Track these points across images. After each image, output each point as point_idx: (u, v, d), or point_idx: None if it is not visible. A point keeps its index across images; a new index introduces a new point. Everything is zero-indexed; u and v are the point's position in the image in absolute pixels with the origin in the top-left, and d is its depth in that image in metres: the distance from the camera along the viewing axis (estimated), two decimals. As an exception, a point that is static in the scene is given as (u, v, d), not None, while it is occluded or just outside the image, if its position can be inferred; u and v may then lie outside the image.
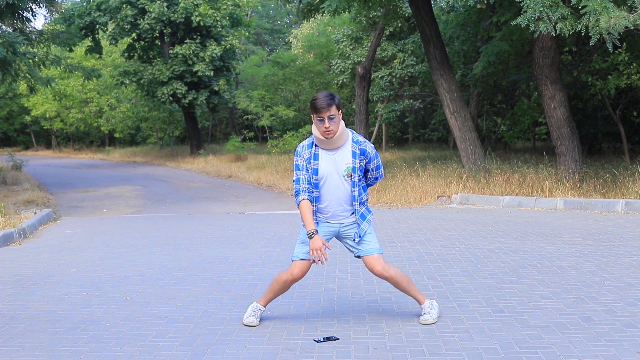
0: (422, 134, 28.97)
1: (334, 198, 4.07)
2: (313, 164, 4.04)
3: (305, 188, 4.04)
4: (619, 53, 14.32)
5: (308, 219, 3.98)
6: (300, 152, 4.08)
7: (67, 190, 15.95)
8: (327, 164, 4.04)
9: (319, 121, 3.96)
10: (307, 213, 3.99)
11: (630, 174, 10.47)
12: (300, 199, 4.04)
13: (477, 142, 12.34)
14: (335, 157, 4.05)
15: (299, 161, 4.07)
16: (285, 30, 46.37)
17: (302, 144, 4.12)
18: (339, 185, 4.06)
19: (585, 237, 6.92)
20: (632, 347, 3.57)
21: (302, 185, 4.04)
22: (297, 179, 4.08)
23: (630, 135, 16.90)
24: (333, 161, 4.04)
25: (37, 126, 41.82)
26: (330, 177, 4.05)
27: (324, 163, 4.04)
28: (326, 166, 4.04)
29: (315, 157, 4.05)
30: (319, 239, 3.94)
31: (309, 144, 4.09)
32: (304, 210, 4.01)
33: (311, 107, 4.00)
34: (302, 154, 4.07)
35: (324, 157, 4.05)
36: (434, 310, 4.15)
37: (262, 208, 11.42)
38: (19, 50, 13.75)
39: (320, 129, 3.98)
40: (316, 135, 4.03)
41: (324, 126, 3.95)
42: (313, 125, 4.07)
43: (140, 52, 26.70)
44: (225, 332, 4.08)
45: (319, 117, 3.95)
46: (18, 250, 7.40)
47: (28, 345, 3.94)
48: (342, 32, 22.87)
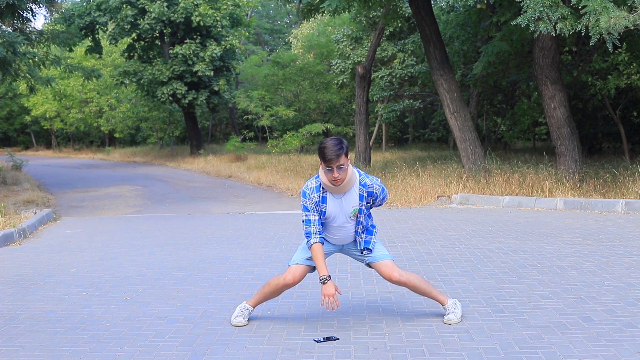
0: (422, 134, 28.98)
1: (338, 234, 4.12)
2: (321, 207, 4.03)
3: (316, 230, 4.01)
4: (619, 53, 14.32)
5: (321, 264, 3.96)
6: (308, 195, 4.03)
7: (67, 190, 15.95)
8: (334, 206, 4.03)
9: (327, 171, 3.91)
10: (320, 257, 3.97)
11: (630, 174, 10.47)
12: (312, 242, 4.00)
13: (477, 142, 12.34)
14: (342, 201, 4.03)
15: (308, 203, 4.03)
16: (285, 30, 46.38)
17: (309, 186, 4.05)
18: (344, 224, 4.08)
19: (585, 237, 6.92)
20: (632, 347, 3.57)
21: (313, 227, 4.01)
22: (307, 220, 4.04)
23: (630, 135, 16.91)
24: (340, 204, 4.03)
25: (37, 126, 41.82)
26: (336, 219, 4.06)
27: (331, 205, 4.03)
28: (333, 208, 4.03)
29: (323, 200, 4.03)
30: (332, 285, 3.92)
31: (316, 187, 4.04)
32: (317, 255, 3.98)
33: (320, 155, 3.91)
34: (312, 197, 4.03)
35: (331, 200, 4.03)
36: (458, 309, 4.14)
37: (262, 208, 11.42)
38: (19, 50, 13.75)
39: (329, 178, 3.93)
40: (324, 182, 3.98)
41: (333, 176, 3.91)
42: (320, 169, 4.02)
43: (140, 52, 26.70)
44: (225, 332, 4.08)
45: (327, 167, 3.89)
46: (18, 250, 7.40)
47: (28, 345, 3.94)
48: (342, 32, 22.87)
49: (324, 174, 3.96)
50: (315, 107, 28.71)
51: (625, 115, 16.92)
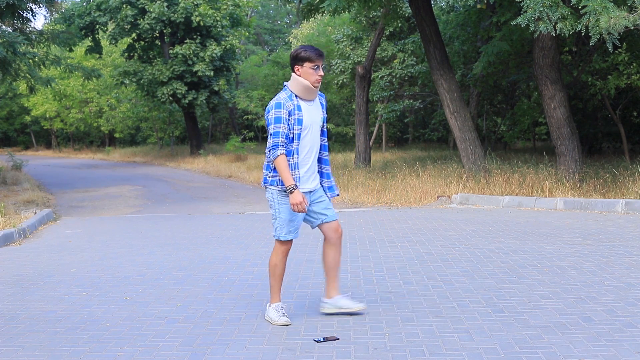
0: (422, 134, 28.98)
1: (313, 150, 4.16)
2: (297, 114, 4.05)
3: (283, 142, 3.99)
4: (619, 53, 14.33)
5: (287, 175, 3.96)
6: (283, 104, 4.02)
7: (67, 190, 15.95)
8: (309, 114, 4.11)
9: (313, 69, 4.05)
10: (287, 168, 3.97)
11: (630, 174, 10.47)
12: (278, 153, 3.97)
13: (477, 142, 12.34)
14: (313, 108, 4.16)
15: (282, 113, 3.99)
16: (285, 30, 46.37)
17: (282, 97, 4.06)
18: (316, 135, 4.18)
19: (585, 237, 6.92)
20: (632, 347, 3.57)
21: (281, 139, 3.98)
22: (276, 132, 3.98)
23: (630, 135, 16.91)
24: (312, 112, 4.14)
25: (37, 126, 41.82)
26: (312, 128, 4.13)
27: (306, 113, 4.09)
28: (308, 116, 4.10)
29: (298, 108, 4.06)
30: (299, 193, 3.96)
31: (289, 96, 4.08)
32: (283, 166, 3.96)
33: (302, 58, 4.04)
34: (287, 105, 4.02)
35: (306, 108, 4.10)
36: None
37: (262, 208, 11.42)
38: (19, 50, 13.75)
39: (314, 77, 4.06)
40: (303, 84, 4.06)
41: (319, 74, 4.07)
42: (296, 76, 4.09)
43: (140, 52, 26.70)
44: (225, 332, 4.08)
45: (314, 66, 4.04)
46: (18, 250, 7.40)
47: (28, 345, 3.94)
48: (342, 32, 22.87)
49: (309, 75, 4.05)
50: (315, 107, 28.67)
51: (625, 115, 16.92)
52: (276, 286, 4.25)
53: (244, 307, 4.61)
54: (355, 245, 6.92)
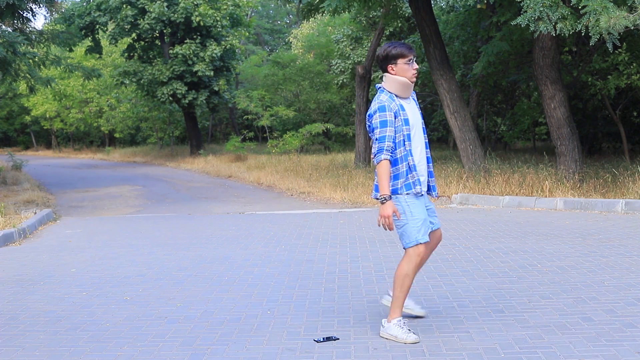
0: (422, 134, 28.92)
1: (423, 149, 3.90)
2: (403, 115, 3.79)
3: (389, 147, 3.72)
4: (619, 53, 14.33)
5: (385, 183, 3.69)
6: (388, 106, 3.75)
7: (67, 190, 15.95)
8: (412, 113, 3.87)
9: (407, 64, 3.82)
10: (387, 176, 3.70)
11: (630, 174, 10.46)
12: (382, 157, 3.70)
13: (477, 142, 12.34)
14: (413, 106, 3.92)
15: (388, 116, 3.73)
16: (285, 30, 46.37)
17: (382, 99, 3.79)
18: (422, 134, 3.92)
19: (585, 237, 6.92)
20: (632, 347, 3.57)
21: (388, 143, 3.71)
22: (382, 137, 3.70)
23: (630, 135, 16.90)
24: (413, 109, 3.91)
25: (37, 126, 41.81)
26: (417, 127, 3.88)
27: (410, 112, 3.85)
28: (412, 115, 3.86)
29: (402, 108, 3.81)
30: (391, 205, 3.69)
31: (390, 97, 3.81)
32: (384, 172, 3.69)
33: (394, 56, 3.80)
34: (391, 106, 3.76)
35: (407, 107, 3.86)
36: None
37: (262, 208, 11.42)
38: (19, 50, 13.75)
39: (410, 72, 3.83)
40: (401, 81, 3.82)
41: (414, 67, 3.84)
42: (391, 76, 3.83)
43: (140, 52, 26.69)
44: (225, 332, 4.08)
45: (408, 60, 3.81)
46: (18, 250, 7.40)
47: (28, 345, 3.95)
48: (342, 32, 22.88)
49: (405, 71, 3.82)
50: (315, 107, 28.71)
51: (625, 115, 16.92)
52: (402, 299, 3.86)
53: (244, 307, 4.61)
54: (355, 245, 6.92)
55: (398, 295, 3.85)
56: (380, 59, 3.89)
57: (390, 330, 3.80)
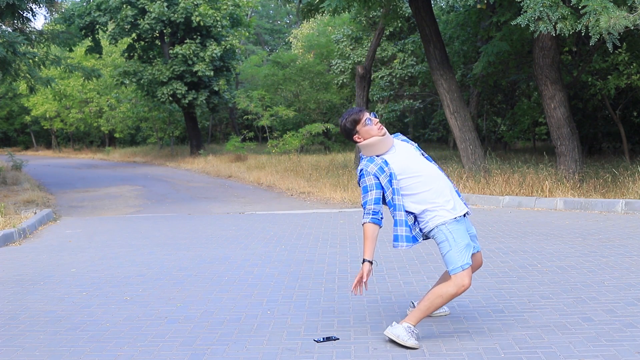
0: (422, 134, 28.96)
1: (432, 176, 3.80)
2: (387, 170, 3.74)
3: (371, 210, 3.71)
4: (619, 53, 14.32)
5: (368, 245, 3.69)
6: (367, 171, 3.74)
7: (67, 190, 15.95)
8: (398, 158, 3.79)
9: (367, 124, 3.78)
10: (371, 238, 3.71)
11: (630, 174, 10.47)
12: (363, 221, 3.73)
13: (477, 142, 12.34)
14: (398, 150, 3.84)
15: (368, 181, 3.73)
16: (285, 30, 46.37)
17: (361, 165, 3.78)
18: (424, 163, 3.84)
19: (585, 237, 6.92)
20: (632, 347, 3.57)
21: (369, 207, 3.71)
22: (364, 202, 3.73)
23: (630, 135, 16.90)
24: (400, 153, 3.82)
25: (37, 126, 41.81)
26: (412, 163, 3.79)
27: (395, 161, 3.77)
28: (399, 160, 3.78)
29: (385, 163, 3.75)
30: (369, 267, 3.65)
31: (369, 160, 3.78)
32: (367, 235, 3.70)
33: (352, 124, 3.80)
34: (369, 171, 3.73)
35: (392, 158, 3.78)
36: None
37: (262, 208, 11.42)
38: (19, 50, 13.74)
39: (374, 130, 3.77)
40: (373, 142, 3.77)
41: (375, 122, 3.80)
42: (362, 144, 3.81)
43: (140, 52, 26.69)
44: (225, 332, 4.08)
45: (365, 120, 3.78)
46: (18, 250, 7.40)
47: (28, 345, 3.94)
48: (342, 32, 22.87)
49: (368, 132, 3.78)
50: (315, 107, 28.71)
51: (625, 115, 16.92)
52: (423, 314, 3.77)
53: (244, 307, 4.61)
54: (355, 245, 6.92)
55: (422, 309, 3.77)
56: (345, 133, 3.87)
57: (396, 330, 3.75)
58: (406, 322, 3.75)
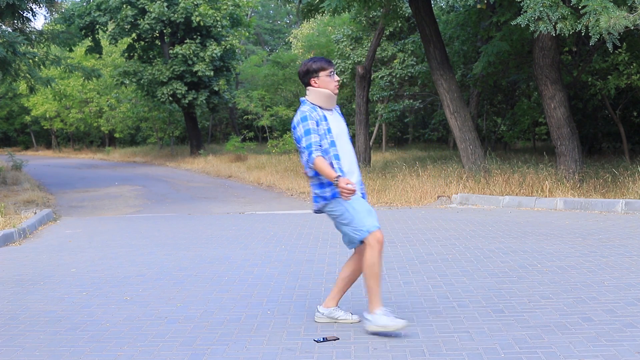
0: (422, 134, 28.97)
1: (350, 157, 4.01)
2: (325, 125, 3.94)
3: (318, 147, 3.85)
4: (619, 53, 14.32)
5: (329, 170, 3.79)
6: (309, 115, 3.91)
7: (67, 190, 15.95)
8: (335, 124, 4.03)
9: (329, 76, 3.99)
10: (327, 165, 3.81)
11: (630, 174, 10.47)
12: (314, 156, 3.81)
13: (477, 142, 12.34)
14: (336, 117, 4.08)
15: (311, 124, 3.88)
16: (285, 30, 46.37)
17: (305, 110, 3.94)
18: (348, 144, 4.05)
19: (585, 237, 6.92)
20: (632, 347, 3.57)
21: (315, 146, 3.84)
22: (308, 144, 3.84)
23: (630, 135, 16.91)
24: (337, 121, 4.06)
25: (37, 126, 41.81)
26: (341, 137, 4.01)
27: (333, 123, 4.01)
28: (336, 126, 4.02)
29: (324, 119, 3.97)
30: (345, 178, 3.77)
31: (312, 108, 3.97)
32: (324, 164, 3.80)
33: (315, 69, 3.97)
34: (313, 115, 3.92)
35: (330, 118, 4.02)
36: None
37: (262, 208, 11.42)
38: (19, 50, 13.75)
39: (332, 84, 4.00)
40: (324, 93, 3.99)
41: (335, 79, 4.01)
42: (314, 89, 4.00)
43: (140, 52, 26.70)
44: (225, 332, 4.08)
45: (329, 72, 3.99)
46: (18, 250, 7.40)
47: (28, 345, 3.94)
48: (342, 32, 22.87)
49: (327, 83, 3.98)
50: (315, 107, 28.69)
51: (625, 115, 16.92)
52: (377, 288, 3.89)
53: (244, 307, 4.61)
54: (355, 245, 6.91)
55: (372, 286, 3.90)
56: (302, 74, 4.04)
57: (379, 321, 3.83)
58: (376, 309, 3.86)
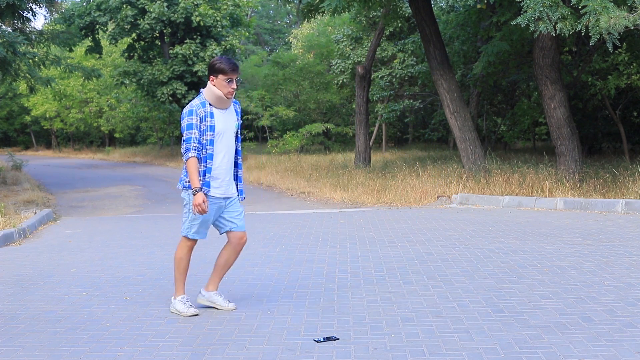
0: (422, 134, 28.97)
1: (227, 155, 4.39)
2: (209, 122, 4.29)
3: (195, 147, 4.27)
4: (619, 53, 14.33)
5: (194, 177, 4.23)
6: (195, 111, 4.27)
7: (67, 190, 15.95)
8: (222, 121, 4.35)
9: (227, 82, 4.28)
10: (195, 171, 4.25)
11: (630, 174, 10.46)
12: (189, 155, 4.26)
13: (477, 142, 12.34)
14: (227, 116, 4.40)
15: (194, 120, 4.26)
16: (285, 30, 46.38)
17: (194, 104, 4.31)
18: (230, 141, 4.42)
19: (585, 237, 6.92)
20: (632, 347, 3.57)
21: (193, 144, 4.26)
22: (188, 138, 4.27)
23: (630, 135, 16.91)
24: (225, 119, 4.38)
25: (37, 126, 41.81)
26: (225, 135, 4.36)
27: (219, 120, 4.34)
28: (222, 123, 4.35)
29: (211, 115, 4.31)
30: (201, 195, 4.22)
31: (202, 103, 4.31)
32: (193, 168, 4.25)
33: (217, 70, 4.27)
34: (198, 112, 4.28)
35: (218, 115, 4.35)
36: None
37: (262, 208, 11.42)
38: (19, 50, 13.75)
39: (227, 89, 4.30)
40: (216, 94, 4.29)
41: (232, 87, 4.31)
42: (210, 86, 4.31)
43: (140, 52, 26.70)
44: (225, 332, 4.08)
45: (228, 79, 4.28)
46: (18, 250, 7.40)
47: (28, 345, 3.94)
48: (342, 32, 22.88)
49: (222, 87, 4.28)
50: (315, 107, 28.70)
51: (625, 115, 16.92)
52: (181, 279, 4.51)
53: (244, 307, 4.61)
54: (355, 245, 6.92)
55: (177, 277, 4.52)
56: (208, 67, 4.40)
57: (175, 305, 4.50)
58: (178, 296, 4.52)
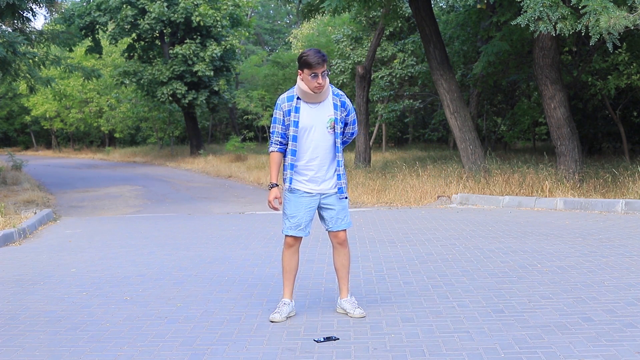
0: (422, 134, 28.97)
1: (318, 150, 4.19)
2: (293, 117, 4.16)
3: (277, 141, 4.22)
4: (619, 53, 14.33)
5: (273, 172, 4.23)
6: (279, 105, 4.20)
7: (67, 190, 15.95)
8: (309, 116, 4.17)
9: (312, 77, 4.08)
10: (275, 165, 4.24)
11: (630, 174, 10.46)
12: (270, 150, 4.26)
13: (477, 142, 12.34)
14: (318, 110, 4.19)
15: (278, 114, 4.20)
16: (285, 30, 46.37)
17: (282, 97, 4.22)
18: (322, 137, 4.19)
19: (585, 237, 6.92)
20: (632, 347, 3.57)
21: (275, 138, 4.22)
22: (272, 132, 4.25)
23: (630, 135, 16.91)
24: (316, 113, 4.19)
25: (37, 126, 41.82)
26: (313, 130, 4.18)
27: (305, 115, 4.17)
28: (308, 119, 4.17)
29: (296, 110, 4.17)
30: (275, 191, 4.22)
31: (289, 97, 4.20)
32: (272, 162, 4.23)
33: (303, 63, 4.10)
34: (282, 106, 4.19)
35: (306, 110, 4.18)
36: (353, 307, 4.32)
37: (262, 208, 11.41)
38: (19, 50, 13.74)
39: (312, 84, 4.10)
40: (304, 89, 4.14)
41: (317, 82, 4.09)
42: (299, 80, 4.16)
43: (140, 52, 26.70)
44: (225, 332, 4.08)
45: (313, 73, 4.07)
46: (18, 250, 7.40)
47: (28, 345, 3.94)
48: (342, 32, 22.87)
49: (308, 82, 4.10)
50: (315, 107, 28.68)
51: (625, 115, 16.92)
52: (284, 281, 4.35)
53: (244, 307, 4.61)
54: (355, 245, 6.92)
55: (283, 277, 4.37)
56: (298, 60, 4.19)
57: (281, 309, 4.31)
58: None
